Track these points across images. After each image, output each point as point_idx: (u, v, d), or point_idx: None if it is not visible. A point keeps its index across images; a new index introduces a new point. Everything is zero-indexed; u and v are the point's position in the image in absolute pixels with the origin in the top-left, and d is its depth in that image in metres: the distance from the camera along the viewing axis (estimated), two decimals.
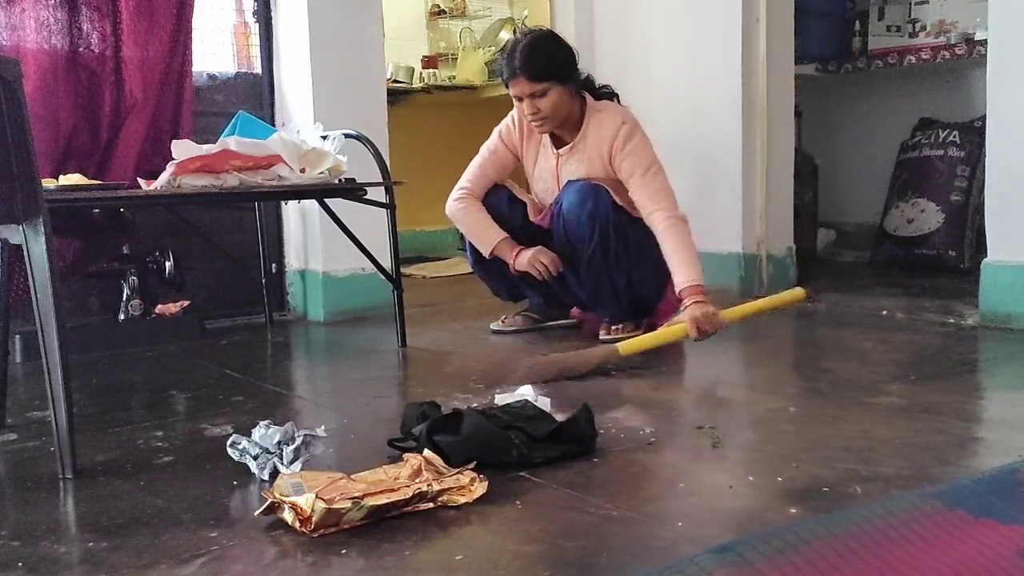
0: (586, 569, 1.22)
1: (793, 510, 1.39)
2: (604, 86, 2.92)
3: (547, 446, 1.65)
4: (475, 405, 1.96)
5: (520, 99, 2.74)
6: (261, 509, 1.41)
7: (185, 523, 1.43)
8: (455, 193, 2.92)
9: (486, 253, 2.87)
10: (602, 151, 2.75)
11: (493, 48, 5.47)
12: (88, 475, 1.68)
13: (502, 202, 2.91)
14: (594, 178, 2.76)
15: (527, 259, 2.80)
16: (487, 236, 2.86)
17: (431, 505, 1.44)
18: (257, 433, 1.66)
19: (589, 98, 2.82)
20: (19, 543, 1.38)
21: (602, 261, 2.73)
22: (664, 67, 3.78)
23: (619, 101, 2.91)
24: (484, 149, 2.94)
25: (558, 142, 2.85)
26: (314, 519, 1.34)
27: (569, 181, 2.79)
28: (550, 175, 2.87)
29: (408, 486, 1.43)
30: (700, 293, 2.56)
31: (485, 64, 5.42)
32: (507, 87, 2.76)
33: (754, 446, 1.79)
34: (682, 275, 2.58)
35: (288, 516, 1.38)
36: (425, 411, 1.76)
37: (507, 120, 2.93)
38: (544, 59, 2.70)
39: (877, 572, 1.04)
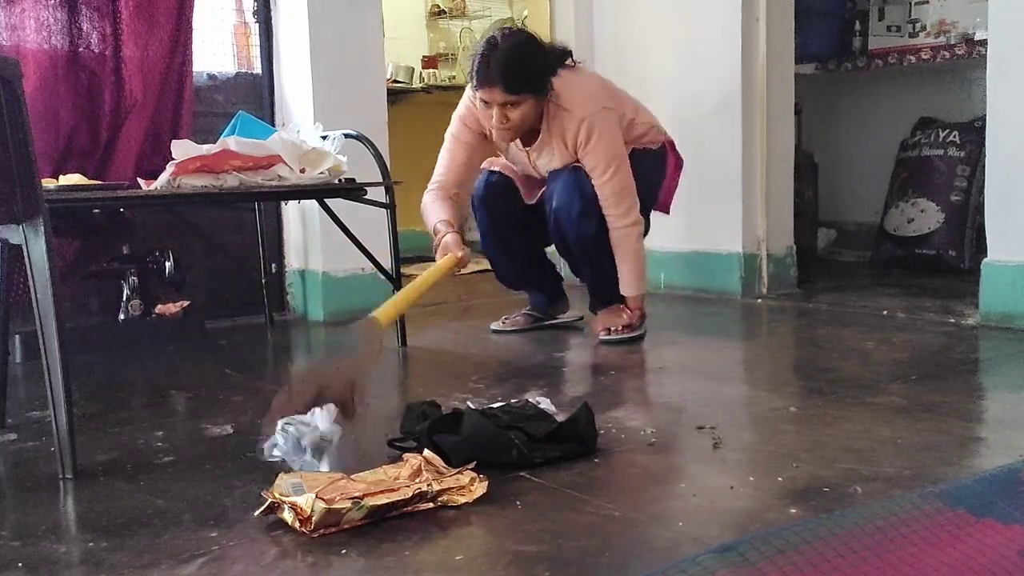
0: (587, 569, 1.22)
1: (794, 510, 1.39)
2: (559, 51, 2.73)
3: (547, 446, 1.64)
4: (474, 405, 1.96)
5: (487, 104, 2.61)
6: (261, 510, 1.41)
7: (185, 523, 1.43)
8: (428, 188, 2.82)
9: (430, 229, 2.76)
10: (567, 144, 2.71)
11: None
12: (88, 475, 1.68)
13: (500, 193, 2.88)
14: (569, 164, 2.74)
15: (440, 249, 2.63)
16: (431, 217, 2.73)
17: (431, 505, 1.43)
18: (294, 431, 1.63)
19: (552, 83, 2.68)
20: (19, 543, 1.38)
21: (596, 255, 2.76)
22: (664, 66, 3.77)
23: (573, 59, 2.74)
24: (449, 138, 2.84)
25: (524, 139, 2.78)
26: (314, 519, 1.34)
27: (554, 172, 2.77)
28: (526, 163, 2.85)
29: (408, 486, 1.43)
30: (634, 305, 2.79)
31: None
32: (476, 90, 2.61)
33: (755, 446, 1.79)
34: (623, 287, 2.78)
35: (288, 516, 1.37)
36: (425, 411, 1.76)
37: (465, 104, 2.80)
38: (524, 70, 2.58)
39: (878, 572, 1.04)
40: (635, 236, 2.72)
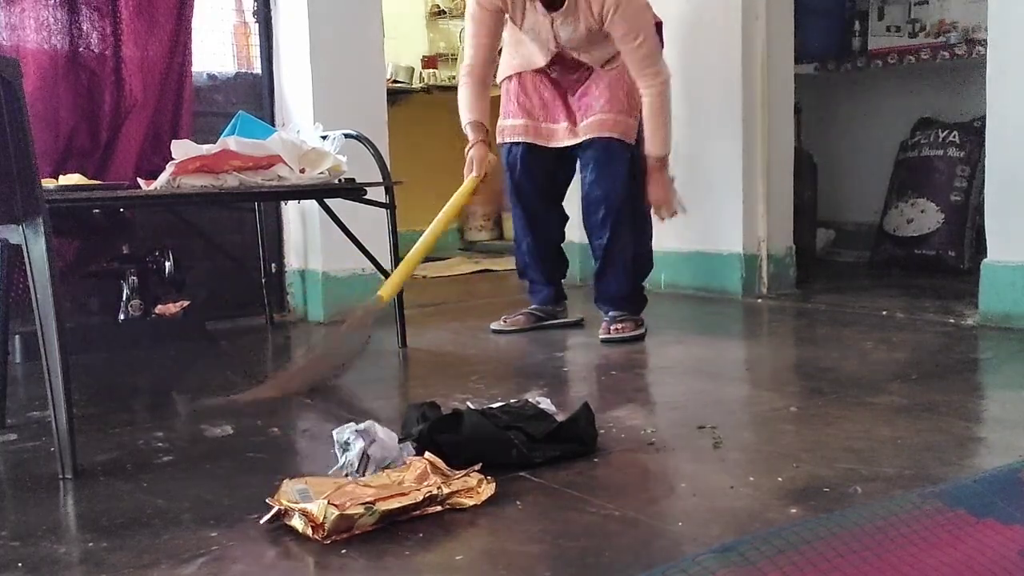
0: (587, 569, 1.22)
1: (794, 510, 1.39)
2: None
3: (547, 446, 1.64)
4: (474, 405, 1.96)
5: None
6: (268, 517, 1.39)
7: (185, 523, 1.43)
8: (460, 74, 2.90)
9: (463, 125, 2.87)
10: (593, 15, 2.71)
11: None
12: (88, 475, 1.68)
13: (524, 162, 2.90)
14: (589, 34, 2.73)
15: (468, 156, 2.78)
16: (464, 115, 2.85)
17: (439, 508, 1.42)
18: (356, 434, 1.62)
19: None
20: (19, 543, 1.38)
21: (613, 239, 2.82)
22: None
23: None
24: (469, 21, 2.89)
25: (548, 4, 2.74)
26: (327, 526, 1.32)
27: (591, 143, 2.79)
28: (546, 32, 2.80)
29: (418, 489, 1.41)
30: (658, 168, 2.79)
31: None
32: None
33: (755, 446, 1.79)
34: (656, 146, 2.78)
35: (298, 523, 1.35)
36: (425, 412, 1.76)
37: None
38: None
39: (878, 572, 1.04)
40: (667, 93, 2.77)
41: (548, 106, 2.91)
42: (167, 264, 3.05)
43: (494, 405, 1.82)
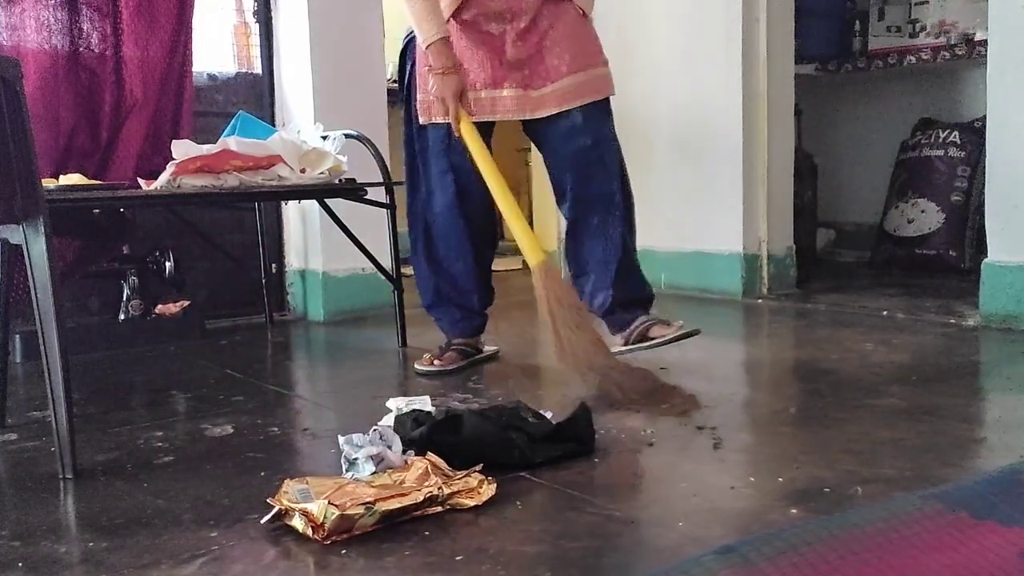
0: (587, 570, 1.22)
1: (794, 511, 1.39)
2: None
3: (547, 446, 1.64)
4: (472, 405, 1.96)
5: None
6: (268, 517, 1.39)
7: (185, 523, 1.43)
8: None
9: (423, 45, 2.25)
10: None
11: None
12: (88, 475, 1.68)
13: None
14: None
15: (439, 90, 2.22)
16: (429, 28, 2.22)
17: (440, 509, 1.42)
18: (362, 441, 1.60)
19: None
20: (19, 543, 1.37)
21: (630, 223, 2.45)
22: (664, 67, 3.77)
23: None
24: None
25: None
26: (327, 526, 1.32)
27: (569, 112, 2.33)
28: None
29: (419, 490, 1.41)
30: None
31: None
32: None
33: (755, 447, 1.79)
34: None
35: (299, 523, 1.35)
36: (418, 416, 1.74)
37: None
38: None
39: (878, 573, 1.04)
40: None
41: (486, 69, 2.31)
42: (167, 264, 3.06)
43: (486, 408, 1.80)
